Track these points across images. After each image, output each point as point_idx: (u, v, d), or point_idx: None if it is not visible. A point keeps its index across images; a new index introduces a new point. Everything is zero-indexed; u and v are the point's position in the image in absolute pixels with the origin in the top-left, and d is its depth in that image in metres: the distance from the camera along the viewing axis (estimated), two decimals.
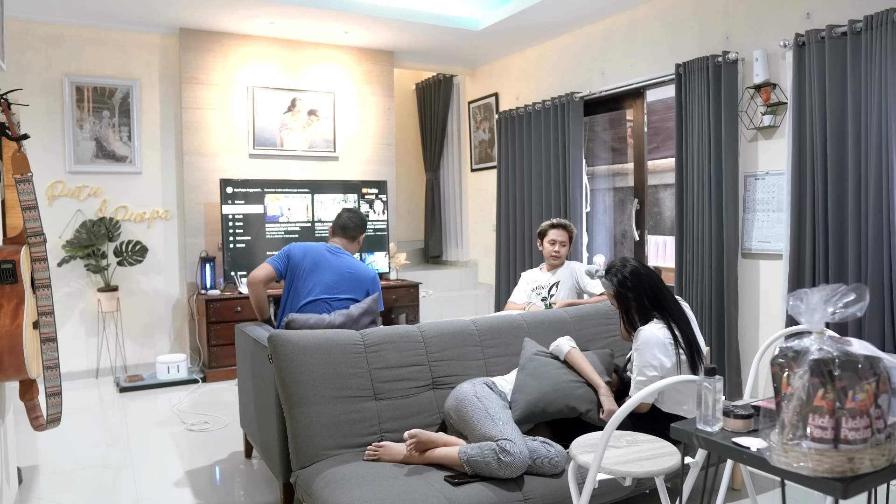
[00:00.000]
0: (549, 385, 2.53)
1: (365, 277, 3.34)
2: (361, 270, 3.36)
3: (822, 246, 3.34)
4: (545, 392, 2.51)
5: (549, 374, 2.57)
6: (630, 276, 2.54)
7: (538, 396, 2.50)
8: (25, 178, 2.34)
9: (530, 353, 2.73)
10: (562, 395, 2.50)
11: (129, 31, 5.01)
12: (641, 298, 2.51)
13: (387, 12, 4.87)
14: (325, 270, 3.28)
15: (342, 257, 3.36)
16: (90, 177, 4.93)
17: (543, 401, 2.49)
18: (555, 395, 2.50)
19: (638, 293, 2.52)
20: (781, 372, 1.39)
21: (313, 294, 3.24)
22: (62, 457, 3.36)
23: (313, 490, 2.21)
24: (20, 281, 2.30)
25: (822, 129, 3.31)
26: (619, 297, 2.55)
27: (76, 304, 4.91)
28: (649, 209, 4.84)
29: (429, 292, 6.06)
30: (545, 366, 2.62)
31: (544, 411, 2.49)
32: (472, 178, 6.55)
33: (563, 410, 2.50)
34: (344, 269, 3.31)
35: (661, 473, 1.85)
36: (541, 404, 2.49)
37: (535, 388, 2.53)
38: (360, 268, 3.37)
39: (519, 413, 2.49)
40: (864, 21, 3.10)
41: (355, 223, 3.46)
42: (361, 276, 3.33)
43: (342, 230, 3.44)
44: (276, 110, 5.40)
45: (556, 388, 2.52)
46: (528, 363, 2.67)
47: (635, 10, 4.58)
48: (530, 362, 2.67)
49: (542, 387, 2.53)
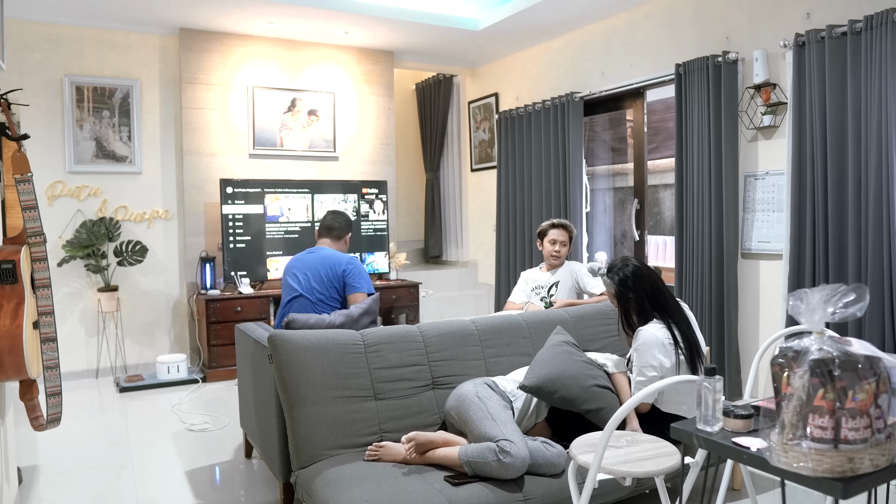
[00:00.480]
0: (572, 371, 2.50)
1: (337, 262, 3.39)
2: (333, 257, 3.42)
3: (822, 246, 3.34)
4: (565, 375, 2.48)
5: (575, 362, 2.56)
6: (631, 275, 2.53)
7: (557, 376, 2.48)
8: (25, 178, 2.34)
9: (561, 339, 2.73)
10: (578, 385, 2.47)
11: (129, 31, 5.01)
12: (642, 299, 2.51)
13: (387, 12, 4.87)
14: (300, 269, 3.44)
15: (317, 252, 3.46)
16: (90, 177, 4.93)
17: (560, 381, 2.46)
18: (571, 382, 2.47)
19: (639, 293, 2.52)
20: (781, 372, 1.39)
21: (293, 293, 3.41)
22: (62, 457, 3.36)
23: (313, 490, 2.21)
24: (20, 281, 2.30)
25: (822, 129, 3.31)
26: (620, 296, 2.55)
27: (76, 304, 4.91)
28: (649, 209, 4.84)
29: (429, 292, 6.06)
30: (572, 354, 2.62)
31: (556, 392, 2.46)
32: (472, 178, 6.55)
33: (573, 401, 2.46)
34: (315, 261, 3.41)
35: (661, 473, 1.85)
36: (556, 384, 2.46)
37: (557, 367, 2.51)
38: (333, 255, 3.43)
39: (531, 381, 2.46)
40: (864, 21, 3.10)
41: (340, 223, 3.56)
42: (334, 262, 3.39)
43: (328, 231, 3.56)
44: (276, 110, 5.40)
45: (575, 377, 2.49)
46: (558, 347, 2.66)
47: (635, 10, 4.58)
48: (559, 346, 2.66)
49: (564, 369, 2.51)
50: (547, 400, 2.51)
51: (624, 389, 2.57)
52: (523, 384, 2.48)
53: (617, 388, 2.58)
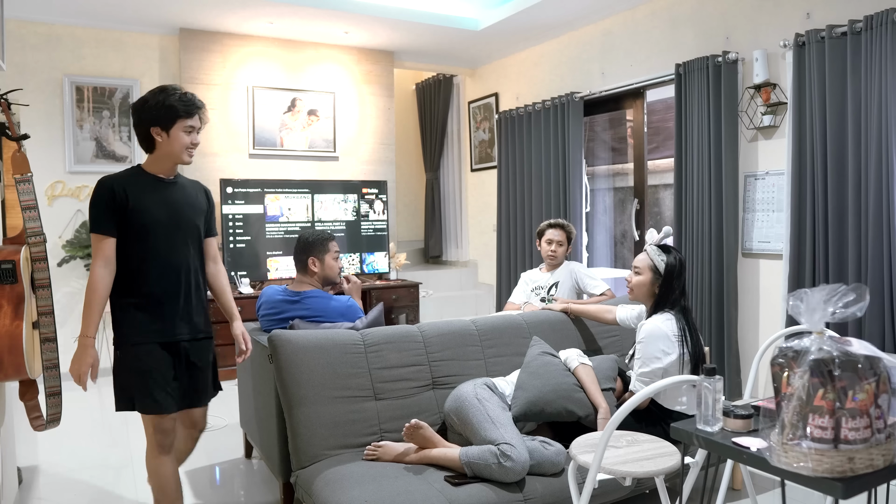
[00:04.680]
0: (550, 386, 2.53)
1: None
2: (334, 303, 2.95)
3: (822, 246, 3.34)
4: (545, 392, 2.51)
5: (552, 375, 2.57)
6: (680, 263, 2.58)
7: (538, 396, 2.50)
8: (25, 178, 2.34)
9: (536, 352, 2.73)
10: (561, 398, 2.50)
11: (129, 31, 5.01)
12: (674, 287, 2.55)
13: (387, 12, 4.87)
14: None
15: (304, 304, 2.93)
16: (90, 177, 4.92)
17: (543, 401, 2.49)
18: (554, 397, 2.50)
19: (677, 280, 2.56)
20: (781, 372, 1.39)
21: None
22: (62, 457, 3.36)
23: (313, 490, 2.21)
24: (20, 281, 2.30)
25: (822, 129, 3.31)
26: (666, 275, 2.55)
27: (76, 304, 4.91)
28: (649, 209, 4.84)
29: (429, 292, 6.06)
30: (548, 366, 2.62)
31: (543, 411, 2.49)
32: (472, 178, 6.55)
33: (561, 413, 2.50)
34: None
35: (661, 473, 1.85)
36: (540, 404, 2.49)
37: (536, 387, 2.53)
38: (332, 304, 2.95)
39: (517, 410, 2.49)
40: (864, 21, 3.10)
41: (296, 248, 3.03)
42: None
43: (295, 263, 3.06)
44: (276, 110, 5.40)
45: (555, 390, 2.51)
46: (533, 362, 2.67)
47: (635, 10, 4.58)
48: (534, 361, 2.67)
49: (542, 386, 2.53)
50: (538, 420, 2.53)
51: (586, 380, 2.58)
52: (513, 416, 2.47)
53: (581, 381, 2.58)
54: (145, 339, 2.21)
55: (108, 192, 2.16)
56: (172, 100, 2.17)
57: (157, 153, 2.23)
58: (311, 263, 2.96)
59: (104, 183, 2.18)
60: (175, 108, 2.17)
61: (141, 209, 2.19)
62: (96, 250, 2.16)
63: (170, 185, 2.29)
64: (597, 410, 2.52)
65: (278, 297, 2.95)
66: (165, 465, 2.28)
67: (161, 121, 2.17)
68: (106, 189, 2.17)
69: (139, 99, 2.23)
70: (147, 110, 2.18)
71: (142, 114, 2.19)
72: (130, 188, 2.19)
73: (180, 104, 2.18)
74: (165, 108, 2.16)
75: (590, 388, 2.56)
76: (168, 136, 2.19)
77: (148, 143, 2.23)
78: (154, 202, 2.21)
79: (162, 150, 2.22)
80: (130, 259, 2.20)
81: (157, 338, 2.22)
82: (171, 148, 2.21)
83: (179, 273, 2.27)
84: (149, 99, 2.19)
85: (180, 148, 2.21)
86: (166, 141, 2.20)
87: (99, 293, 2.16)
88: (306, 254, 2.97)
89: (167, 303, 2.25)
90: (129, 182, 2.21)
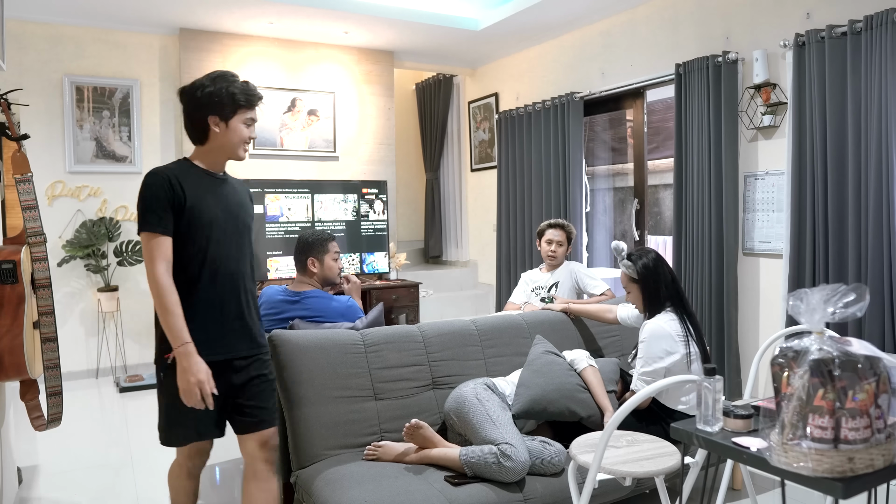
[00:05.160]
0: (554, 385, 2.52)
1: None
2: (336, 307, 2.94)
3: (822, 246, 3.34)
4: (548, 391, 2.51)
5: (556, 374, 2.57)
6: (652, 262, 2.58)
7: (541, 394, 2.50)
8: (25, 178, 2.34)
9: (540, 350, 2.73)
10: (564, 397, 2.50)
11: (129, 31, 5.01)
12: (659, 285, 2.55)
13: (387, 12, 4.87)
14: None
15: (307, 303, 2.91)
16: (90, 177, 4.93)
17: (545, 399, 2.49)
18: (557, 396, 2.50)
19: (657, 280, 2.57)
20: (781, 372, 1.39)
21: None
22: (62, 457, 3.36)
23: (313, 490, 2.21)
24: (20, 281, 2.31)
25: (822, 129, 3.31)
26: (644, 279, 2.56)
27: (76, 304, 4.91)
28: (649, 209, 4.84)
29: (429, 292, 6.06)
30: (552, 365, 2.62)
31: (545, 409, 2.49)
32: (472, 178, 6.55)
33: (563, 412, 2.50)
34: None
35: (661, 473, 1.85)
36: (542, 402, 2.49)
37: (539, 385, 2.53)
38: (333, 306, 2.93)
39: (519, 407, 2.49)
40: (864, 21, 3.10)
41: (296, 250, 2.99)
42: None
43: (295, 264, 3.04)
44: (276, 110, 5.40)
45: (559, 389, 2.51)
46: (536, 360, 2.67)
47: (635, 10, 4.58)
48: (538, 359, 2.67)
49: (546, 385, 2.52)
50: (539, 418, 2.54)
51: (594, 382, 2.59)
52: (514, 413, 2.48)
53: (588, 383, 2.59)
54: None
55: (166, 183, 1.89)
56: (234, 88, 1.96)
57: (210, 145, 2.00)
58: (310, 264, 2.94)
59: (159, 173, 1.91)
60: (237, 96, 1.96)
61: (199, 207, 1.93)
62: (154, 251, 1.85)
63: (221, 182, 2.05)
64: (603, 413, 2.52)
65: (278, 297, 2.95)
66: (188, 487, 2.22)
67: (222, 109, 1.95)
68: (163, 180, 1.90)
69: (194, 84, 1.99)
70: (207, 96, 1.95)
71: (201, 100, 1.95)
72: (186, 182, 1.94)
73: (243, 94, 1.98)
74: (228, 96, 1.95)
75: (597, 391, 2.57)
76: (227, 127, 1.98)
77: (200, 133, 2.00)
78: (210, 200, 1.97)
79: (216, 142, 1.99)
80: (184, 264, 1.92)
81: (209, 354, 1.91)
82: (227, 139, 1.99)
83: (236, 280, 2.01)
84: (207, 84, 1.95)
85: (239, 141, 2.00)
86: (223, 132, 1.98)
87: (174, 295, 1.84)
88: (306, 254, 2.96)
89: (223, 314, 1.97)
90: (183, 175, 1.95)
